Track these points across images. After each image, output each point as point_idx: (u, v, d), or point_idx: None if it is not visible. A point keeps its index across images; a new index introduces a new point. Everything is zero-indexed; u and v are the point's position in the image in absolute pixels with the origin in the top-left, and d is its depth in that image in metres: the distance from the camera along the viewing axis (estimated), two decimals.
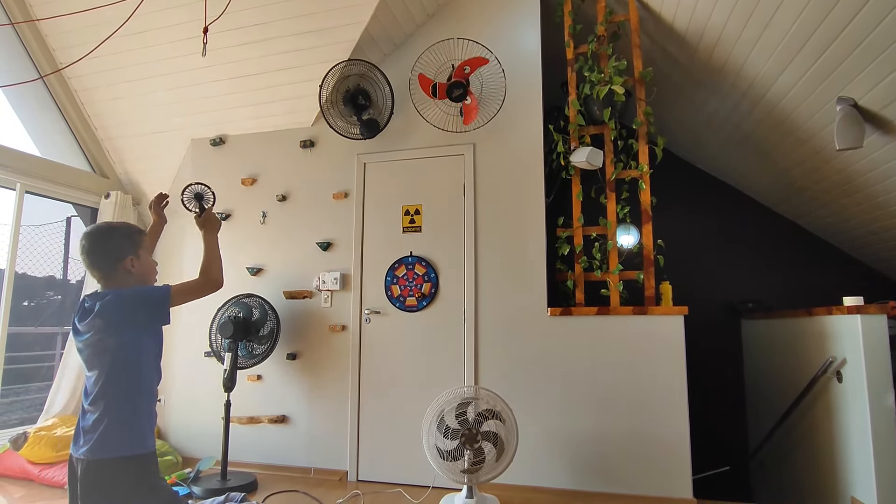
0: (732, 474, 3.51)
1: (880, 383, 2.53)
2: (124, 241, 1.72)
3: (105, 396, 1.58)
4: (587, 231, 3.18)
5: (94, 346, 1.60)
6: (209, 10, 2.88)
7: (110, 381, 1.58)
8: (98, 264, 1.68)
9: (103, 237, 1.71)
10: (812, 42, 2.44)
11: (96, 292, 1.68)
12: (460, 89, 3.14)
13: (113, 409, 1.57)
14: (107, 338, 1.59)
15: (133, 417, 1.60)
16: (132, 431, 1.59)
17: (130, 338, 1.62)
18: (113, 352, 1.59)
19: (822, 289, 3.88)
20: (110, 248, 1.69)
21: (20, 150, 3.60)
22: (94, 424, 1.56)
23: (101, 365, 1.59)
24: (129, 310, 1.63)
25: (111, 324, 1.59)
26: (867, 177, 3.00)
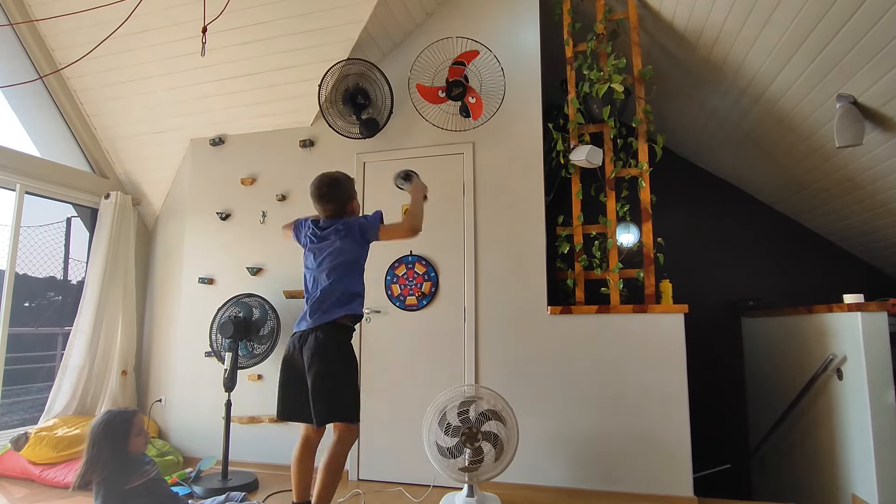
0: (733, 472, 3.51)
1: (881, 381, 2.53)
2: (352, 188, 2.50)
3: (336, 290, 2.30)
4: (587, 229, 3.18)
5: (332, 255, 2.33)
6: (208, 10, 2.88)
7: (343, 279, 2.31)
8: (334, 201, 2.41)
9: (340, 182, 2.45)
10: (811, 39, 2.43)
11: (326, 219, 2.43)
12: (460, 88, 3.14)
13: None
14: (344, 248, 2.32)
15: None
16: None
17: (359, 249, 2.37)
18: (347, 257, 2.33)
19: (823, 286, 3.88)
20: (346, 191, 2.45)
21: (20, 150, 3.61)
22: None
23: (336, 267, 2.31)
24: (359, 232, 2.35)
25: (348, 239, 2.33)
26: (867, 174, 3.00)
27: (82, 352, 3.68)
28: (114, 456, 2.30)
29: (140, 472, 2.37)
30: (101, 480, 2.27)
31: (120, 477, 2.29)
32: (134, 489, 2.31)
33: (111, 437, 2.33)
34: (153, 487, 2.39)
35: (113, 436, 2.34)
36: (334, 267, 2.31)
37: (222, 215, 3.81)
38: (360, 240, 2.36)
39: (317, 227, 2.43)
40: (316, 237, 2.41)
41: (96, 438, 2.31)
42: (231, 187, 3.83)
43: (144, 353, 4.10)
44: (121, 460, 2.32)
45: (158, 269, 4.18)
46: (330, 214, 2.42)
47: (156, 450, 3.47)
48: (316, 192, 2.41)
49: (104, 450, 2.30)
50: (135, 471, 2.35)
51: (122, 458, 2.33)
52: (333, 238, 2.34)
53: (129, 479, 2.31)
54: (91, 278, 3.83)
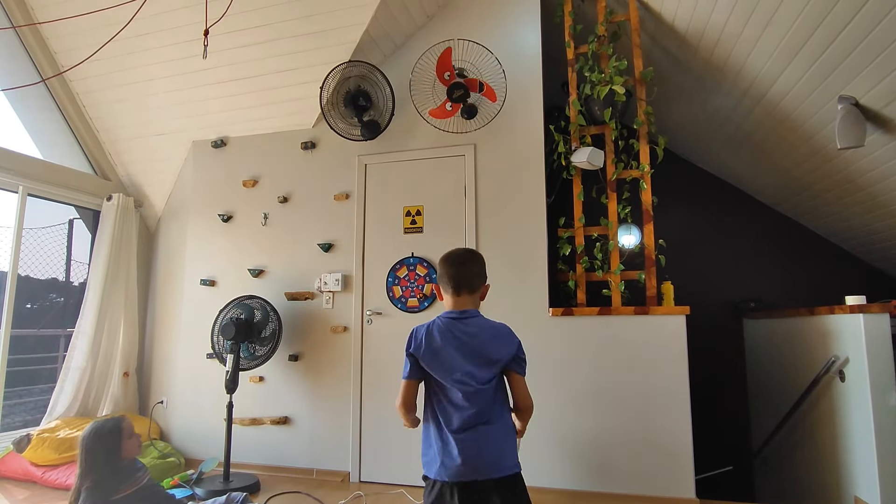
0: (735, 474, 3.50)
1: (883, 382, 2.52)
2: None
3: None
4: (588, 231, 3.18)
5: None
6: (210, 13, 2.89)
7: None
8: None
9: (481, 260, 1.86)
10: (813, 41, 2.43)
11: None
12: (460, 89, 3.15)
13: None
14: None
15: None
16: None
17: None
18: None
19: (824, 288, 3.87)
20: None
21: (22, 152, 3.62)
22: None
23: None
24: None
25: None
26: (868, 175, 3.00)
27: (84, 353, 3.69)
28: (107, 463, 2.25)
29: (132, 480, 2.31)
30: (90, 488, 2.20)
31: (110, 484, 2.23)
32: (125, 498, 2.24)
33: (103, 443, 2.27)
34: (146, 494, 2.35)
35: (105, 442, 2.27)
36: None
37: (224, 217, 3.82)
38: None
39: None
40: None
41: (88, 448, 2.25)
42: (233, 189, 3.84)
43: (146, 355, 4.11)
44: (113, 467, 2.27)
45: (160, 270, 4.19)
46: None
47: (157, 451, 3.47)
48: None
49: (98, 457, 2.24)
50: (126, 478, 2.29)
51: (115, 464, 2.27)
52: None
53: (120, 488, 2.24)
54: (93, 280, 3.84)
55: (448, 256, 1.81)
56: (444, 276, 1.77)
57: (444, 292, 1.79)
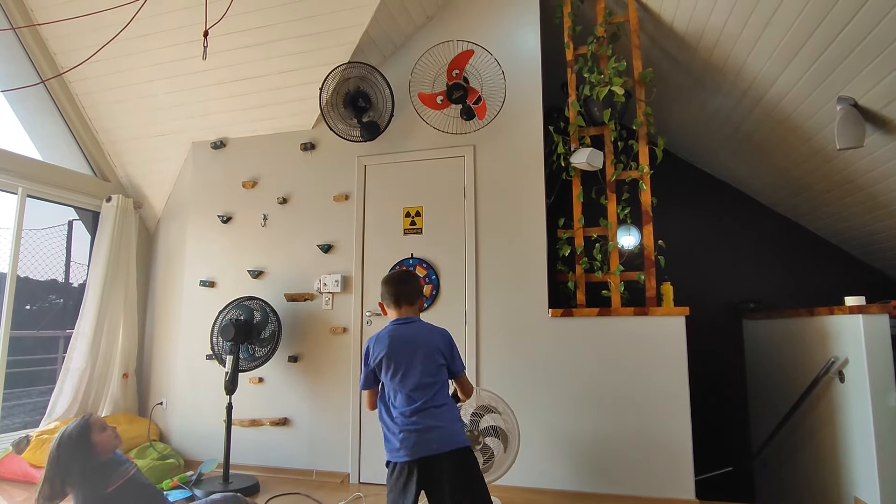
0: (735, 475, 3.50)
1: (883, 383, 2.52)
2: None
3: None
4: (588, 232, 3.18)
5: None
6: (210, 14, 2.89)
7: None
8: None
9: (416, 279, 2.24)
10: (812, 41, 2.43)
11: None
12: (460, 90, 3.15)
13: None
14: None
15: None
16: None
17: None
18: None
19: (824, 288, 3.87)
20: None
21: (22, 153, 3.61)
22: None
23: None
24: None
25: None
26: (868, 176, 3.00)
27: (84, 354, 3.69)
28: (86, 464, 2.19)
29: (118, 473, 2.26)
30: (80, 493, 2.17)
31: (100, 483, 2.19)
32: (115, 492, 2.21)
33: (75, 446, 2.20)
34: (136, 486, 2.31)
35: (76, 445, 2.20)
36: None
37: (224, 218, 3.82)
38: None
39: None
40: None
41: (62, 455, 2.17)
42: (232, 190, 3.84)
43: (146, 356, 4.10)
44: (94, 465, 2.21)
45: (160, 271, 4.19)
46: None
47: (157, 452, 3.47)
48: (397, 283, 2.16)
49: (75, 461, 2.18)
50: (112, 472, 2.24)
51: (95, 464, 2.22)
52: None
53: (108, 482, 2.21)
54: (92, 281, 3.83)
55: (389, 278, 2.17)
56: (387, 294, 2.11)
57: (388, 307, 2.12)
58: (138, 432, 3.62)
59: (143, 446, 3.52)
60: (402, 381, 1.95)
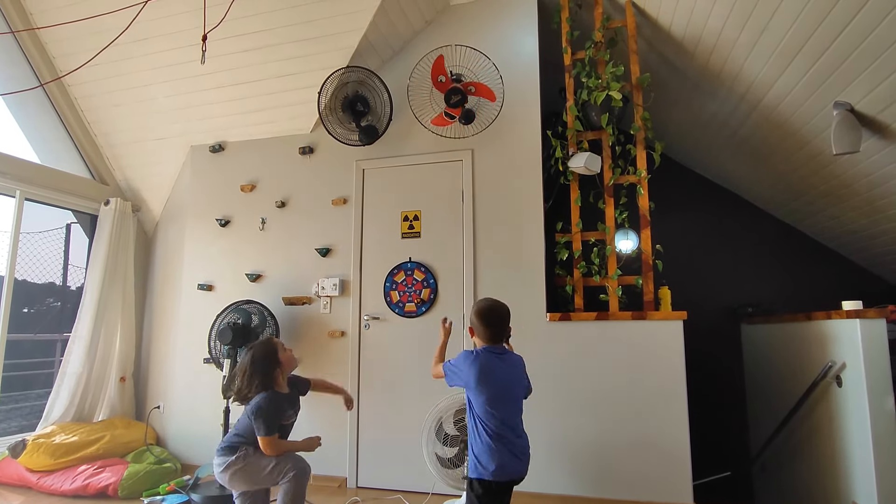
0: (734, 479, 3.49)
1: (880, 387, 2.52)
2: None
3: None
4: (586, 236, 3.18)
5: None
6: (209, 18, 2.89)
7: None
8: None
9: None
10: (808, 46, 2.45)
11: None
12: (458, 95, 3.16)
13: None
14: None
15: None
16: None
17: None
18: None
19: (822, 293, 3.87)
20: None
21: (20, 157, 3.61)
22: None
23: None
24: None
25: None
26: (865, 181, 3.01)
27: (81, 358, 3.68)
28: (274, 376, 2.38)
29: (294, 410, 2.47)
30: (262, 408, 2.30)
31: (280, 409, 2.35)
32: (288, 425, 2.43)
33: (269, 358, 2.38)
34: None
35: (269, 357, 2.39)
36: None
37: (222, 222, 3.82)
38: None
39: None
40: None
41: (256, 361, 2.36)
42: (231, 194, 3.84)
43: (143, 360, 4.09)
44: (281, 394, 2.40)
45: (158, 275, 4.19)
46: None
47: (154, 457, 3.46)
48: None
49: (270, 368, 2.36)
50: (292, 406, 2.45)
51: (276, 378, 2.40)
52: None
53: (287, 413, 2.39)
54: (90, 284, 3.83)
55: (490, 315, 2.23)
56: (483, 330, 2.20)
57: (480, 338, 2.21)
58: (135, 436, 3.61)
59: (140, 450, 3.51)
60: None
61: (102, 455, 3.35)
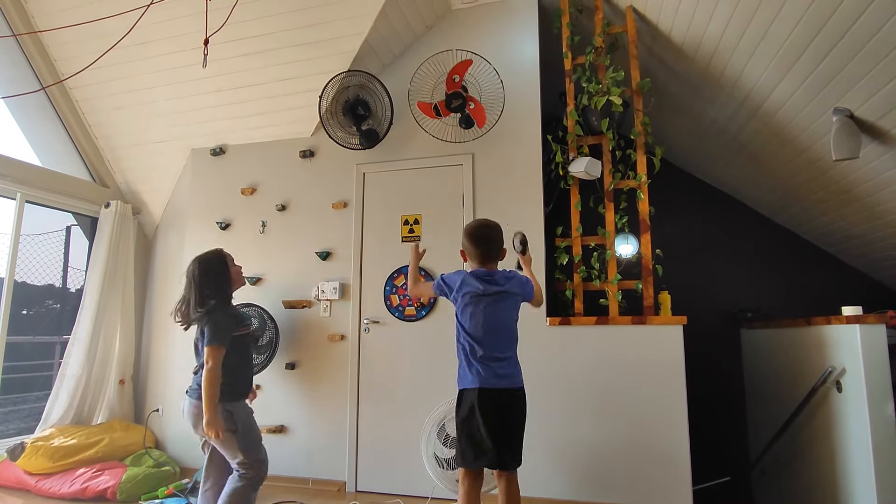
0: (733, 484, 3.49)
1: (880, 393, 2.52)
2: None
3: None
4: (586, 241, 3.18)
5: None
6: (210, 22, 2.90)
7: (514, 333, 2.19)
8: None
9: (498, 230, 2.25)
10: (809, 52, 2.46)
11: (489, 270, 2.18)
12: (459, 99, 3.17)
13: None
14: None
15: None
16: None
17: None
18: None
19: (822, 298, 3.87)
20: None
21: (20, 159, 3.62)
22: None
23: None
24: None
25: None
26: (864, 187, 3.01)
27: (80, 360, 3.68)
28: (220, 286, 2.33)
29: (245, 323, 2.38)
30: (215, 305, 2.27)
31: (230, 322, 2.28)
32: (238, 338, 2.30)
33: (215, 269, 2.34)
34: (250, 343, 2.43)
35: (216, 268, 2.36)
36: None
37: (222, 225, 3.82)
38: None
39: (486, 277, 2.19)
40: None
41: (199, 273, 2.33)
42: (231, 197, 3.85)
43: (142, 363, 4.09)
44: (228, 308, 2.33)
45: (158, 278, 4.18)
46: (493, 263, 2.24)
47: (152, 460, 3.45)
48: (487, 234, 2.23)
49: (214, 282, 2.31)
50: (242, 320, 2.37)
51: (227, 292, 2.36)
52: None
53: (237, 326, 2.31)
54: (90, 287, 3.83)
55: (473, 235, 2.20)
56: (472, 251, 2.19)
57: (471, 258, 2.20)
58: (134, 439, 3.61)
59: (139, 454, 3.51)
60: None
61: (101, 458, 3.35)
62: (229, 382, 2.26)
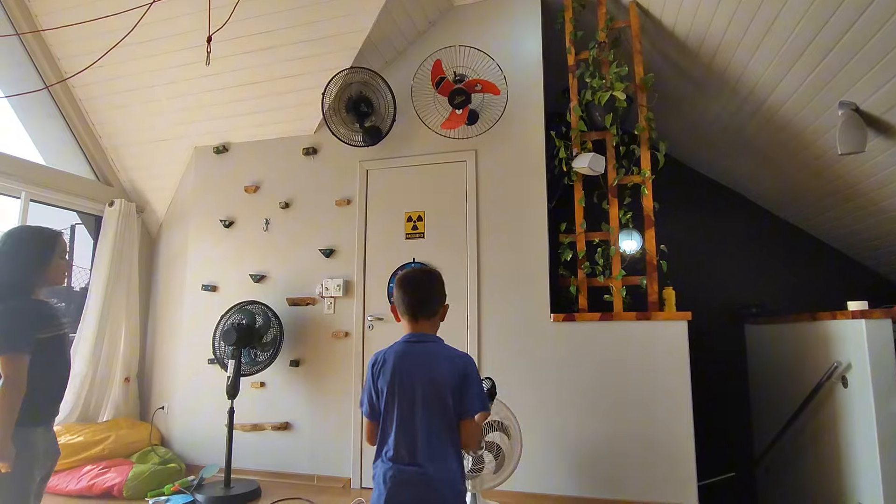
0: (739, 480, 3.49)
1: (886, 388, 2.51)
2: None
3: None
4: (590, 237, 3.18)
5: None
6: (213, 20, 2.90)
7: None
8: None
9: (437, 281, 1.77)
10: (813, 47, 2.44)
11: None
12: (462, 97, 3.16)
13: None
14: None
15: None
16: None
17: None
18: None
19: (827, 293, 3.86)
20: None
21: (25, 158, 3.63)
22: None
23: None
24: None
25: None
26: (870, 181, 3.00)
27: (85, 359, 3.69)
28: (35, 278, 1.84)
29: (56, 324, 1.88)
30: (7, 319, 1.75)
31: (35, 322, 1.83)
32: (44, 340, 1.82)
33: (34, 249, 1.84)
34: (61, 348, 1.92)
35: (37, 249, 1.86)
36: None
37: (226, 223, 3.83)
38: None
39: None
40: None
41: (10, 247, 1.84)
42: (234, 195, 3.85)
43: (147, 361, 4.10)
44: (36, 302, 1.85)
45: (162, 276, 4.20)
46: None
47: (158, 457, 3.46)
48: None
49: (26, 263, 1.81)
50: (52, 319, 1.87)
51: (39, 287, 1.87)
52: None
53: (43, 326, 1.84)
54: (95, 285, 3.84)
55: (403, 280, 1.75)
56: (400, 301, 1.74)
57: (400, 314, 1.76)
58: (140, 437, 3.62)
59: (145, 451, 3.52)
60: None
61: (107, 455, 3.36)
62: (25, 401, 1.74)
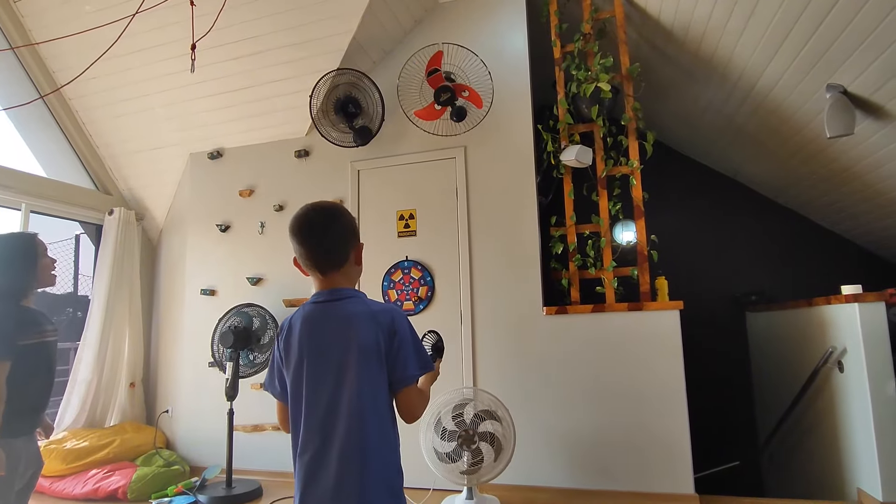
0: (743, 469, 3.47)
1: (881, 372, 2.49)
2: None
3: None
4: (580, 229, 3.17)
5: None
6: (197, 28, 2.93)
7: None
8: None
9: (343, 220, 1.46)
10: (797, 30, 2.42)
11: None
12: (447, 93, 3.16)
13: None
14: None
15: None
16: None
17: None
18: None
19: (825, 277, 3.82)
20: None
21: (24, 170, 3.69)
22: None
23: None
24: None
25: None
26: (863, 164, 2.96)
27: (90, 365, 3.75)
28: (24, 282, 1.88)
29: (41, 331, 1.91)
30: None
31: (20, 329, 1.85)
32: (26, 346, 1.83)
33: (20, 253, 1.89)
34: (47, 354, 1.93)
35: (22, 252, 1.90)
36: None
37: (222, 227, 3.87)
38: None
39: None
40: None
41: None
42: (230, 199, 3.89)
43: (152, 365, 4.17)
44: (25, 310, 1.88)
45: (163, 281, 4.25)
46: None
47: (162, 460, 3.52)
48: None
49: (13, 265, 1.86)
50: (38, 325, 1.91)
51: (31, 282, 1.92)
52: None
53: (29, 332, 1.87)
54: (97, 293, 3.90)
55: (295, 225, 1.45)
56: (297, 252, 1.50)
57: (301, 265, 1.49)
58: (145, 440, 3.68)
59: (150, 454, 3.58)
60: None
61: (113, 459, 3.42)
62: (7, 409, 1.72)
